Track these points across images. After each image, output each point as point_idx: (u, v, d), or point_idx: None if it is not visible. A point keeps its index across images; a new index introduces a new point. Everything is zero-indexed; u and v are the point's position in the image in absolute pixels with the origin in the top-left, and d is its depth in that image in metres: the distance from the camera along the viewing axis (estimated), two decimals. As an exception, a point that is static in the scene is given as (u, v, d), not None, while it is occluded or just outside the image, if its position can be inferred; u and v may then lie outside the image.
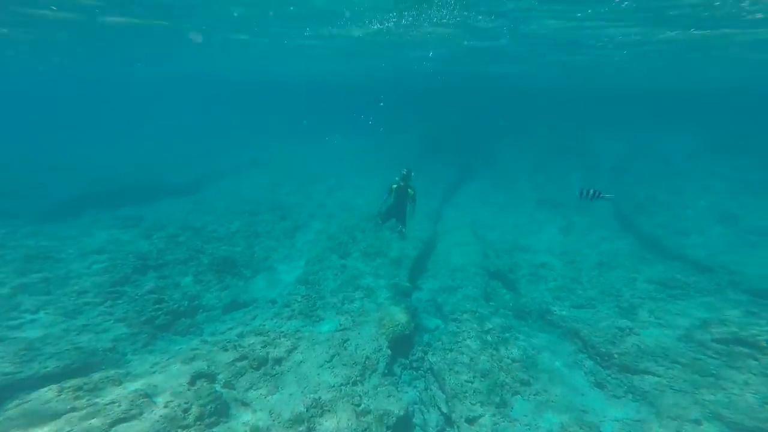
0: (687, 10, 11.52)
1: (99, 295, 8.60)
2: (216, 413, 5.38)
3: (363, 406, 5.76)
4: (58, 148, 26.75)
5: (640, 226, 14.41)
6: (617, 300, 9.40)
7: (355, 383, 6.20)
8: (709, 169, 19.41)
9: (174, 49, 20.47)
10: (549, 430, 5.86)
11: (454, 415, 6.16)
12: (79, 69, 29.49)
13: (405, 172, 8.02)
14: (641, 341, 7.45)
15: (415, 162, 9.23)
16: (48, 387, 5.51)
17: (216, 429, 5.22)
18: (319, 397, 5.85)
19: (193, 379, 5.88)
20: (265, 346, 6.89)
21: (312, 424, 5.40)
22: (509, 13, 12.68)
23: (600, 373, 7.12)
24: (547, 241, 14.23)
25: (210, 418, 5.29)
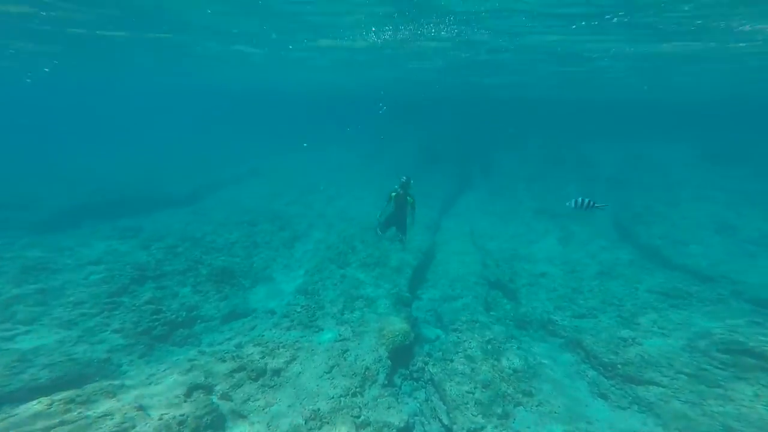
0: (674, 27, 11.78)
1: (95, 305, 8.50)
2: (212, 426, 5.26)
3: (363, 417, 5.64)
4: (58, 158, 26.84)
5: (639, 236, 14.41)
6: (619, 310, 9.32)
7: (354, 394, 6.08)
8: (706, 179, 19.53)
9: (174, 59, 20.71)
10: (553, 443, 5.74)
11: (455, 426, 6.02)
12: (79, 79, 29.74)
13: (404, 179, 8.02)
14: (644, 351, 7.36)
15: (413, 172, 9.25)
16: (38, 400, 5.35)
17: (212, 442, 5.11)
18: (318, 409, 5.73)
19: (190, 391, 5.76)
20: (264, 356, 6.79)
21: (311, 437, 5.28)
22: (507, 29, 12.95)
23: (603, 384, 7.01)
24: (547, 250, 14.19)
25: (206, 430, 5.17)
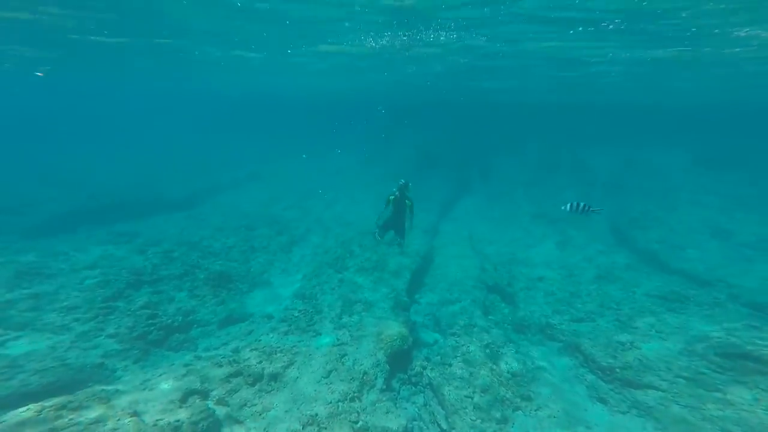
0: (671, 32, 11.93)
1: (90, 310, 8.40)
2: (208, 431, 5.18)
3: (361, 423, 5.58)
4: (55, 162, 26.71)
5: (636, 240, 14.47)
6: (617, 314, 9.32)
7: (352, 399, 6.02)
8: (701, 183, 19.68)
9: (173, 63, 20.74)
10: (552, 447, 5.70)
11: (454, 431, 5.98)
12: (77, 82, 29.72)
13: (402, 182, 8.02)
14: (643, 355, 7.35)
15: (412, 176, 9.27)
16: (27, 406, 5.20)
17: (208, 448, 5.03)
18: (316, 414, 5.66)
19: (185, 396, 5.69)
20: (261, 361, 6.71)
21: (308, 443, 5.21)
22: (504, 35, 13.08)
23: (602, 388, 6.99)
24: (545, 254, 14.20)
25: (202, 436, 5.09)
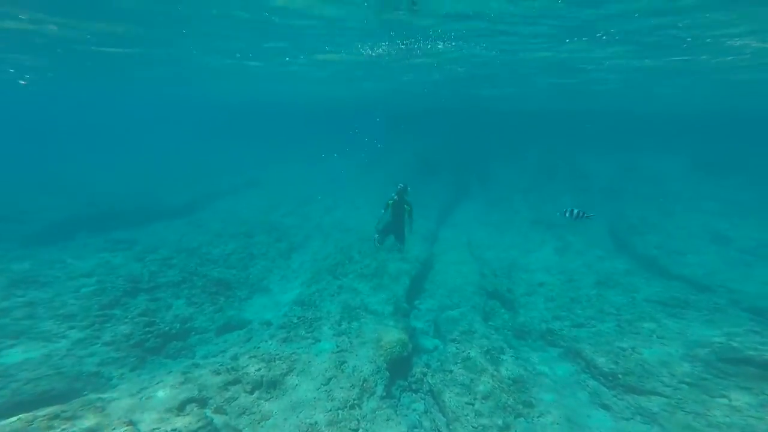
0: (668, 40, 12.09)
1: (86, 318, 8.31)
2: (206, 440, 5.09)
3: (361, 430, 5.50)
4: (53, 169, 26.67)
5: (635, 246, 14.46)
6: (617, 319, 9.26)
7: (352, 407, 5.94)
8: (699, 189, 19.78)
9: (172, 72, 20.84)
10: (556, 455, 5.61)
11: (456, 439, 5.89)
12: (77, 90, 29.80)
13: (401, 186, 8.03)
14: (645, 361, 7.28)
15: (411, 182, 9.29)
16: (17, 416, 5.09)
17: (205, 457, 4.93)
18: (316, 422, 5.58)
19: (183, 404, 5.60)
20: (260, 369, 6.63)
21: (307, 451, 5.12)
22: (502, 45, 13.24)
23: (605, 394, 6.91)
24: (544, 260, 14.17)
25: (199, 445, 5.00)
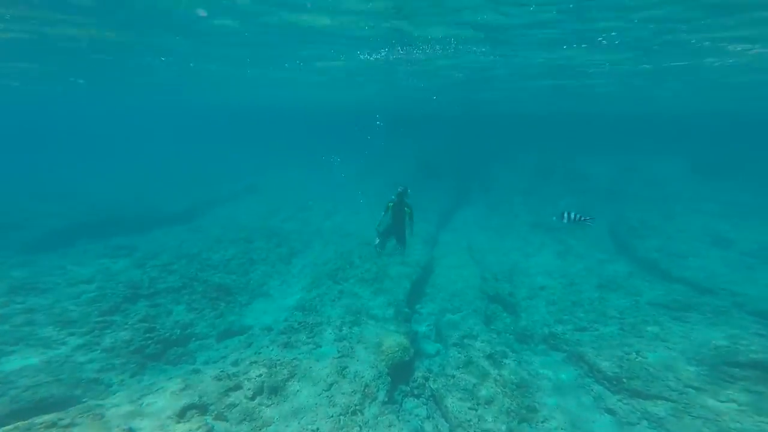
0: (668, 47, 12.18)
1: (85, 325, 8.26)
2: (206, 447, 5.02)
3: (363, 437, 5.43)
4: (53, 177, 26.70)
5: (637, 249, 14.41)
6: (620, 323, 9.19)
7: (354, 413, 5.88)
8: (698, 191, 19.76)
9: (171, 77, 20.95)
10: (561, 461, 5.53)
11: (459, 445, 5.82)
12: (76, 96, 29.95)
13: (401, 189, 8.03)
14: (650, 364, 7.21)
15: (412, 186, 9.29)
16: (14, 425, 5.01)
17: (206, 465, 4.86)
18: (317, 429, 5.52)
19: (183, 411, 5.53)
20: (261, 374, 6.56)
21: (309, 458, 5.05)
22: (501, 51, 13.34)
23: (610, 399, 6.83)
24: (545, 264, 14.12)
25: (199, 453, 4.93)
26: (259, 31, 11.82)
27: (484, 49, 13.42)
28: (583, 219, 6.70)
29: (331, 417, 5.76)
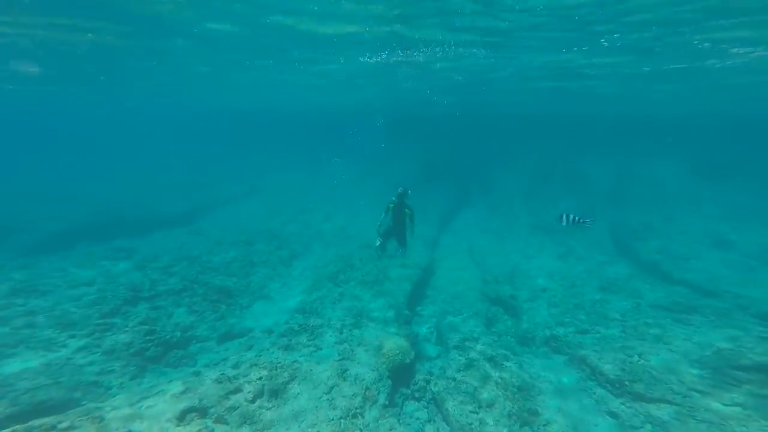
0: (669, 49, 12.17)
1: (86, 327, 8.25)
2: (206, 451, 4.99)
3: (364, 440, 5.40)
4: (53, 180, 26.74)
5: (638, 251, 14.39)
6: (622, 325, 9.16)
7: (355, 416, 5.84)
8: (699, 193, 19.75)
9: (172, 80, 21.00)
10: (563, 464, 5.49)
11: (461, 449, 5.78)
12: (77, 99, 30.03)
13: (401, 190, 8.02)
14: (652, 367, 7.18)
15: (412, 188, 9.28)
16: (12, 428, 4.98)
17: (206, 469, 4.83)
18: (318, 432, 5.48)
19: (183, 414, 5.51)
20: (261, 377, 6.53)
21: (310, 462, 5.02)
22: (502, 53, 13.35)
23: (612, 402, 6.79)
24: (546, 266, 14.10)
25: (199, 456, 4.90)
26: (258, 34, 11.85)
27: (484, 52, 13.43)
28: (582, 221, 6.67)
29: (332, 420, 5.73)
